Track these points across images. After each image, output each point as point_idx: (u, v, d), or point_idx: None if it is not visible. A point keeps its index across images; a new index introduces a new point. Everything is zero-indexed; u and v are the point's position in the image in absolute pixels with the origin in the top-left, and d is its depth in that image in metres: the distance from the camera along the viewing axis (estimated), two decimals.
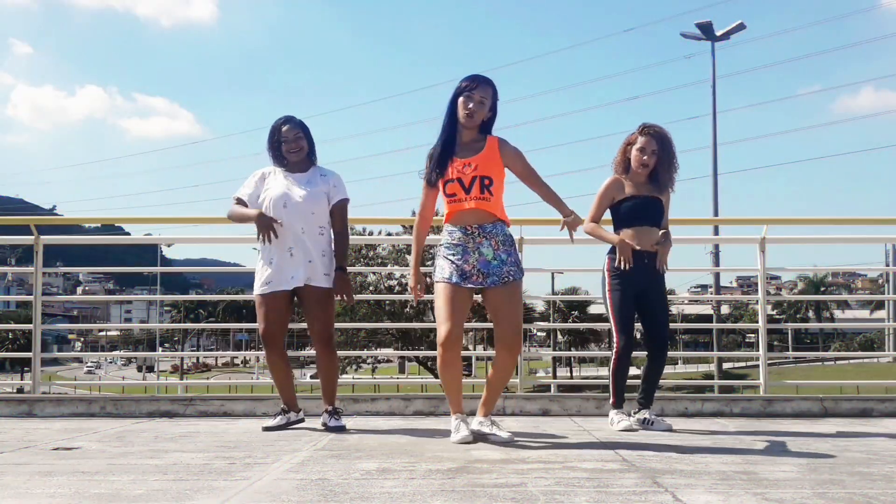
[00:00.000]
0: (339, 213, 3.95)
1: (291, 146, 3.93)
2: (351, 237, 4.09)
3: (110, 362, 66.80)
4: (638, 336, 4.13)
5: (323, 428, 3.87)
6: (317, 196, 3.89)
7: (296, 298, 3.95)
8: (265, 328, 3.89)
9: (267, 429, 3.90)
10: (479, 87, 3.46)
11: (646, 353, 4.04)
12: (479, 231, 3.44)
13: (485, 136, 3.54)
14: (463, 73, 3.58)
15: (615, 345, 3.94)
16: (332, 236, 3.95)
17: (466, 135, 3.52)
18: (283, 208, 3.83)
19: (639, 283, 3.93)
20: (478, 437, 3.43)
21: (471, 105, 3.45)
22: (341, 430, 3.84)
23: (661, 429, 3.86)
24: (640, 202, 3.96)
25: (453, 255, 3.46)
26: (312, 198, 3.87)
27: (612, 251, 3.98)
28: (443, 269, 3.48)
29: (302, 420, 4.03)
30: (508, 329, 3.41)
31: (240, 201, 3.96)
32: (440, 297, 3.43)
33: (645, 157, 3.95)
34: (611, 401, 3.99)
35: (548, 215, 3.97)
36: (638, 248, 3.91)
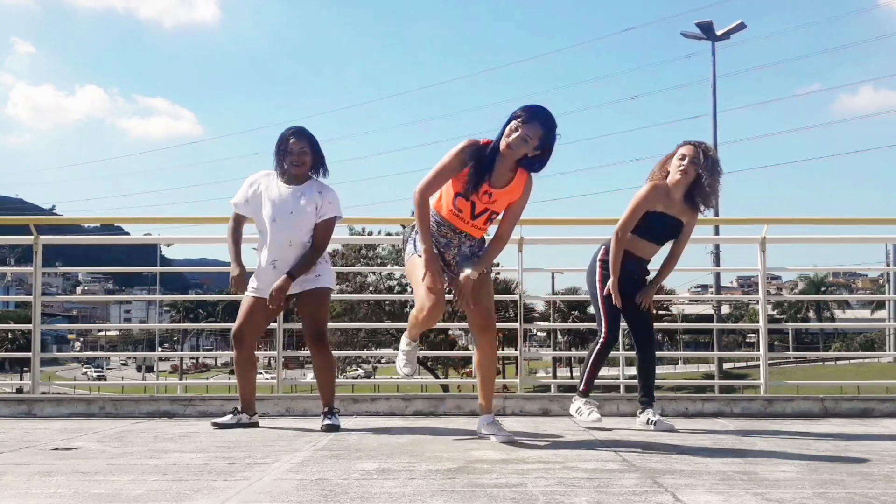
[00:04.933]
0: (322, 228, 3.93)
1: (294, 159, 3.93)
2: (351, 237, 4.12)
3: (91, 364, 66.11)
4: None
5: (320, 429, 3.86)
6: (306, 210, 3.89)
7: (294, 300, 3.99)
8: (237, 326, 3.98)
9: (215, 424, 3.98)
10: (528, 124, 3.26)
11: (635, 352, 4.09)
12: (465, 235, 3.50)
13: (518, 169, 3.39)
14: (463, 73, 3.68)
15: (602, 335, 3.91)
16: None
17: (506, 162, 3.35)
18: (273, 222, 3.88)
19: (624, 286, 3.94)
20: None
21: (513, 137, 3.27)
22: (333, 428, 3.82)
23: (663, 429, 3.86)
24: (658, 220, 3.88)
25: (436, 241, 3.47)
26: (301, 213, 3.88)
27: (607, 249, 3.97)
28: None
29: (255, 424, 4.03)
30: (481, 310, 3.45)
31: (238, 219, 4.08)
32: (419, 268, 3.38)
33: (684, 164, 3.79)
34: (581, 388, 3.99)
35: (548, 215, 3.97)
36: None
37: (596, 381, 4.05)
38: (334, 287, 4.18)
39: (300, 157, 3.92)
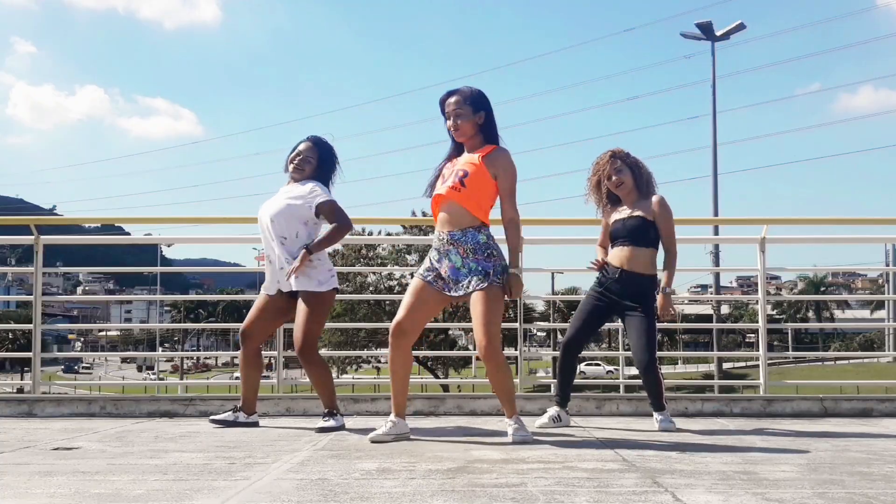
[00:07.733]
0: (324, 214, 3.93)
1: (296, 159, 4.01)
2: (351, 237, 4.11)
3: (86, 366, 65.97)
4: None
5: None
6: (287, 206, 3.91)
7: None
8: (244, 324, 4.05)
9: (213, 421, 4.03)
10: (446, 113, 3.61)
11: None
12: (448, 238, 3.51)
13: (485, 144, 3.60)
14: (463, 73, 3.74)
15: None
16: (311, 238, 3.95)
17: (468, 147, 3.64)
18: (266, 219, 3.97)
19: (612, 294, 4.02)
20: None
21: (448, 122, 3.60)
22: (325, 430, 3.79)
23: (663, 428, 3.85)
24: (617, 225, 4.07)
25: (433, 256, 3.60)
26: (282, 208, 3.92)
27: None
28: (423, 265, 3.65)
29: (255, 424, 4.04)
30: (475, 336, 3.46)
31: None
32: (408, 289, 3.62)
33: (613, 180, 4.03)
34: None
35: (547, 215, 3.99)
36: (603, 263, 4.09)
37: (598, 380, 4.05)
38: (329, 293, 3.94)
39: (303, 158, 4.01)
